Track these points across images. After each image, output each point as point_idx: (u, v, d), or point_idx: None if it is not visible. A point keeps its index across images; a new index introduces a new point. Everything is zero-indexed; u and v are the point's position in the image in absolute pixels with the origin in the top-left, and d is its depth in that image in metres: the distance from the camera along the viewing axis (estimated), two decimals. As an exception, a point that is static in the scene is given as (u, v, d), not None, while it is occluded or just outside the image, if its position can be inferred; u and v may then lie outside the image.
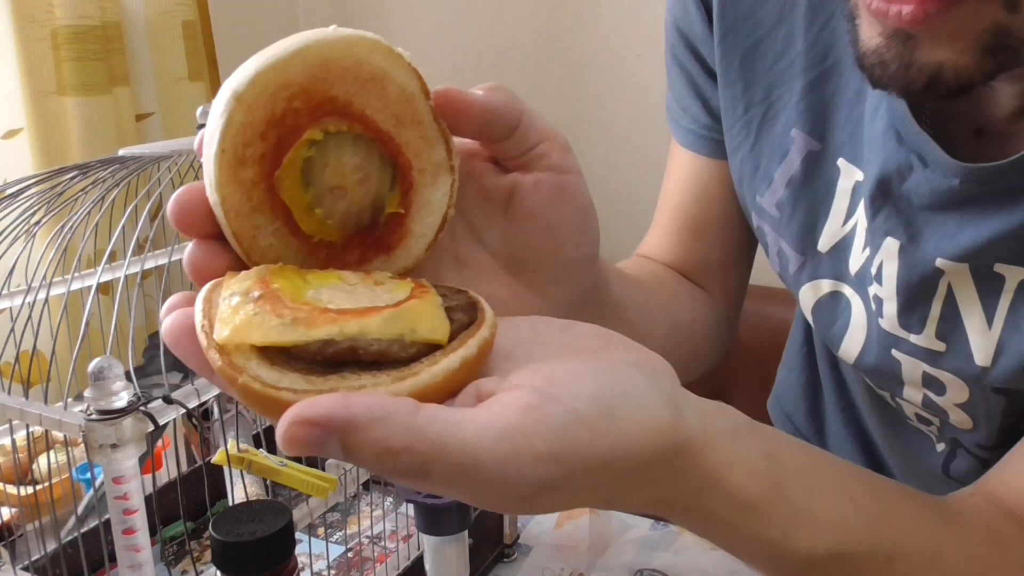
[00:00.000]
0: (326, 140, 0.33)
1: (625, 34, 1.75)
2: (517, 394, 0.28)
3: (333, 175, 0.34)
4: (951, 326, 0.52)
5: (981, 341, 0.50)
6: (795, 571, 0.38)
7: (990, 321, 0.50)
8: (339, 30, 0.34)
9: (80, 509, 0.85)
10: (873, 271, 0.54)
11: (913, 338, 0.54)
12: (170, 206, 0.34)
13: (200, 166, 0.35)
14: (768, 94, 0.58)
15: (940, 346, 0.53)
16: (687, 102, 0.67)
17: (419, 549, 0.78)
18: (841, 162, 0.55)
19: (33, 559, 0.70)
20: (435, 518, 0.58)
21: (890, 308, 0.54)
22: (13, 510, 0.86)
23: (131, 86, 1.51)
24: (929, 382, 0.56)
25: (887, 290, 0.54)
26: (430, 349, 0.29)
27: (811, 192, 0.57)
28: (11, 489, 0.90)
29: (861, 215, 0.54)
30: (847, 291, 0.58)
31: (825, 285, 0.59)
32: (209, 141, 0.33)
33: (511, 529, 0.93)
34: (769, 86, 0.58)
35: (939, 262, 0.50)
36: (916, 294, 0.52)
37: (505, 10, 1.88)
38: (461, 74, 1.95)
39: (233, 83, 0.32)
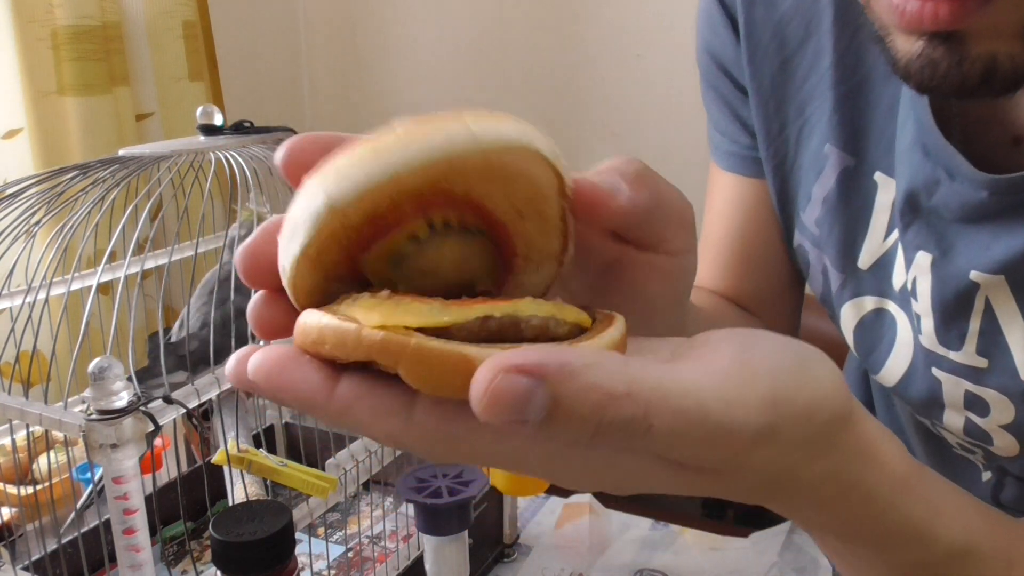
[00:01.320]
0: (430, 235, 0.29)
1: (625, 34, 1.75)
2: (715, 348, 0.27)
3: (428, 263, 0.29)
4: (992, 341, 0.50)
5: None
6: (935, 564, 0.36)
7: None
8: (479, 125, 0.27)
9: (79, 504, 0.85)
10: (909, 286, 0.53)
11: (953, 355, 0.52)
12: (238, 260, 0.30)
13: (200, 167, 0.34)
14: (802, 111, 0.57)
15: (982, 362, 0.51)
16: (725, 125, 0.65)
17: (419, 549, 0.78)
18: (878, 176, 0.54)
19: (33, 559, 0.70)
20: (435, 518, 0.58)
21: (927, 324, 0.53)
22: (13, 510, 0.86)
23: (131, 86, 1.51)
24: (972, 402, 0.53)
25: (923, 306, 0.52)
26: (578, 332, 0.28)
27: (848, 208, 0.56)
28: (11, 489, 0.90)
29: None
30: (892, 307, 0.56)
31: (869, 303, 0.57)
32: (290, 238, 0.27)
33: (511, 529, 0.93)
34: (802, 102, 0.57)
35: (973, 275, 0.49)
36: (952, 309, 0.51)
37: (505, 10, 1.88)
38: (461, 73, 1.95)
39: (331, 187, 0.26)
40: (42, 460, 0.90)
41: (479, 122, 0.26)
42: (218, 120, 0.69)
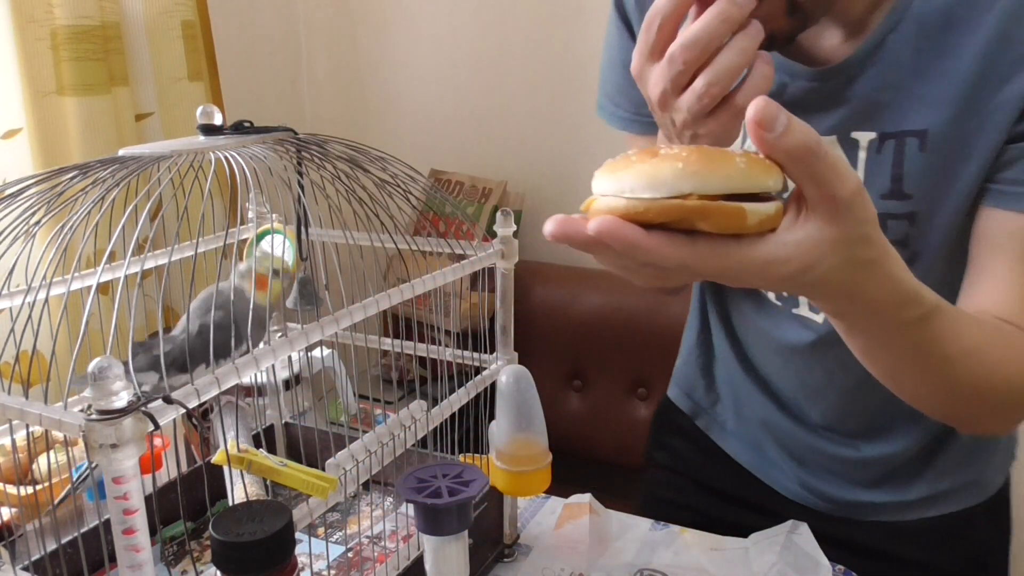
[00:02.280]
0: None
1: (625, 34, 1.75)
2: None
3: None
4: None
5: None
6: (925, 316, 0.56)
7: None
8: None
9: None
10: None
11: None
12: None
13: (200, 167, 0.34)
14: None
15: None
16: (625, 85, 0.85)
17: (419, 549, 0.78)
18: None
19: (33, 559, 0.70)
20: (435, 518, 0.58)
21: None
22: (13, 510, 0.86)
23: (131, 86, 1.51)
24: None
25: None
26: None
27: None
28: (11, 489, 0.90)
29: None
30: None
31: None
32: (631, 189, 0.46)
33: (511, 529, 0.92)
34: None
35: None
36: None
37: (505, 9, 1.88)
38: (460, 73, 1.95)
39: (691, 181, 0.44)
40: (42, 460, 0.91)
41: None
42: (218, 120, 0.69)
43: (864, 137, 0.71)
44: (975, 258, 0.71)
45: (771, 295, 0.86)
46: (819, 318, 0.83)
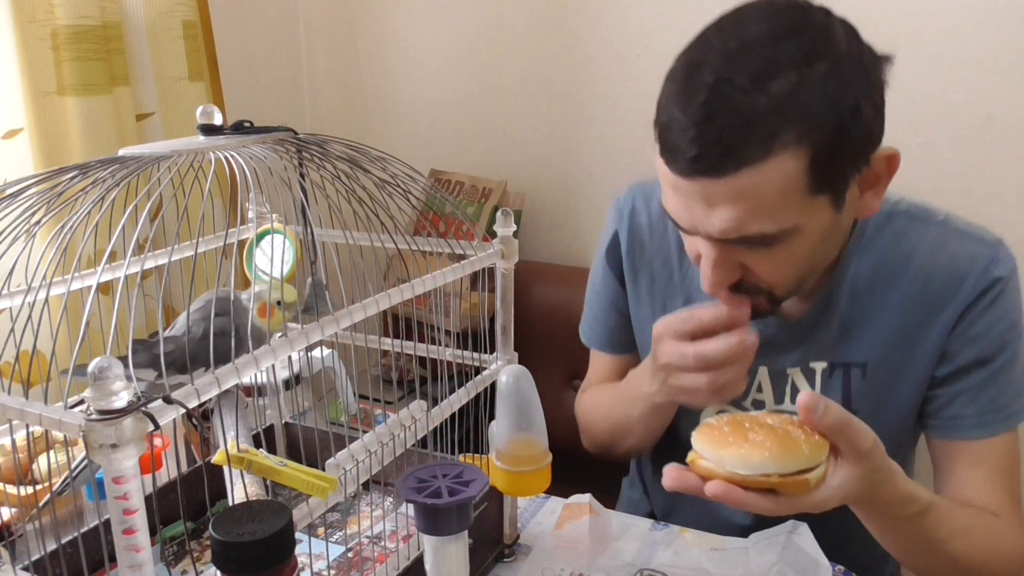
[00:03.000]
0: None
1: (625, 34, 1.75)
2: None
3: None
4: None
5: None
6: (922, 512, 0.78)
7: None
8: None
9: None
10: None
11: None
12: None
13: (200, 167, 0.34)
14: (663, 303, 1.03)
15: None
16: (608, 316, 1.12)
17: (419, 549, 0.78)
18: None
19: (33, 559, 0.70)
20: (435, 518, 0.58)
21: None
22: (13, 510, 0.86)
23: (131, 86, 1.51)
24: None
25: None
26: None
27: None
28: (11, 489, 0.90)
29: None
30: None
31: None
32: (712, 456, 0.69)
33: (511, 529, 0.92)
34: (664, 298, 1.03)
35: (788, 369, 0.96)
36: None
37: (505, 9, 1.88)
38: (460, 73, 1.95)
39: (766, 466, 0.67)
40: (42, 460, 0.91)
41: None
42: (218, 120, 0.69)
43: (819, 366, 0.93)
44: (938, 469, 0.92)
45: None
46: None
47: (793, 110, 0.69)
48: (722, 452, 0.65)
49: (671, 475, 0.68)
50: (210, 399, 0.52)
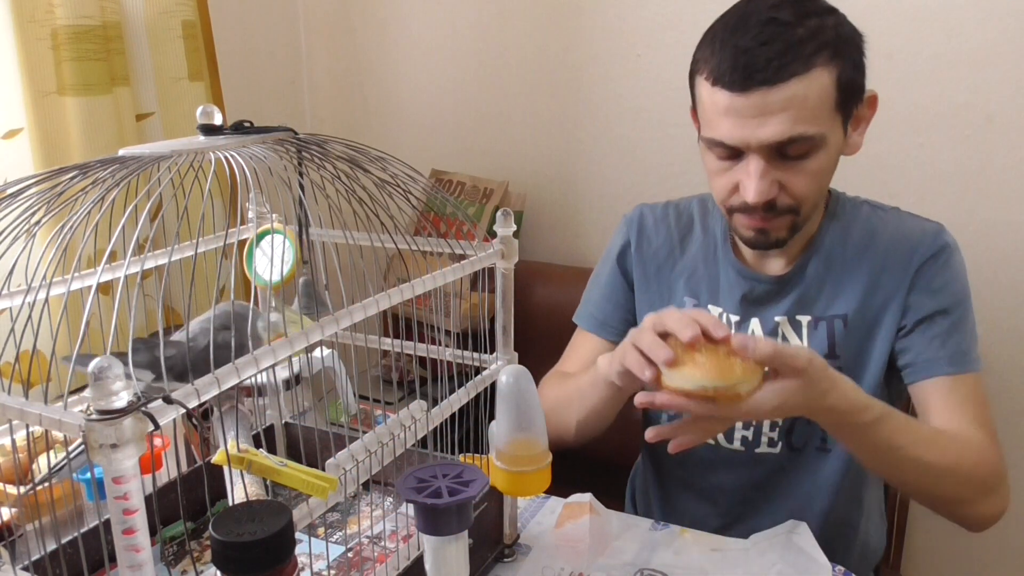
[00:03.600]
0: None
1: (625, 33, 1.75)
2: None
3: None
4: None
5: None
6: (877, 419, 0.89)
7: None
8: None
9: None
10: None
11: None
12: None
13: (200, 167, 0.34)
14: (670, 288, 1.16)
15: None
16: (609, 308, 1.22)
17: (419, 549, 0.78)
18: (709, 307, 1.13)
19: (33, 559, 0.70)
20: (435, 518, 0.58)
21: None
22: (13, 510, 0.86)
23: (131, 86, 1.51)
24: None
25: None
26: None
27: None
28: (11, 489, 0.90)
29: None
30: None
31: None
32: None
33: (511, 529, 0.92)
34: (670, 283, 1.16)
35: (776, 318, 1.09)
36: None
37: (505, 10, 1.88)
38: (460, 73, 1.95)
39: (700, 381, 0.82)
40: (42, 460, 0.91)
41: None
42: (218, 120, 0.69)
43: (804, 319, 1.08)
44: (920, 415, 1.03)
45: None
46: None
47: (825, 38, 0.91)
48: (671, 371, 0.81)
49: (640, 400, 0.83)
50: (210, 400, 0.52)
